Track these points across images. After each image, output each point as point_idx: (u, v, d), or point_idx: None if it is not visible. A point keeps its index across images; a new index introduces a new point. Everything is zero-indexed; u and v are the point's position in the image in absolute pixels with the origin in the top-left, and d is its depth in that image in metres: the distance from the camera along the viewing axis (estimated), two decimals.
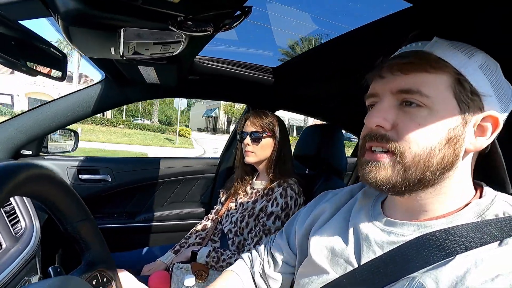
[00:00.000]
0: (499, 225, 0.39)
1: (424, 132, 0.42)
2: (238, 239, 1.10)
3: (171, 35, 0.63)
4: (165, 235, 1.65)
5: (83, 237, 0.51)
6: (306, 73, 1.20)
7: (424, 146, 0.42)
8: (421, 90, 0.42)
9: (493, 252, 0.38)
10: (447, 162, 0.43)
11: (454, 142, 0.42)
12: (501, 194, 0.45)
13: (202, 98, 1.98)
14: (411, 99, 0.43)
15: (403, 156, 0.43)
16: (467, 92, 0.42)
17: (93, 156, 1.68)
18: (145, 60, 0.90)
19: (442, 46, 0.44)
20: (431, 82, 0.42)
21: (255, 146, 1.14)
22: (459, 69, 0.42)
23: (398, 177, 0.44)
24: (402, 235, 0.46)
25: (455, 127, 0.42)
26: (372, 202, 0.57)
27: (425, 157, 0.42)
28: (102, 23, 0.55)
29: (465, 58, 0.43)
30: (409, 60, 0.44)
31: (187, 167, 1.74)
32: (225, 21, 0.55)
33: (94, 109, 1.28)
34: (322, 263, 0.53)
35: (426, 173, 0.43)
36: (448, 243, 0.39)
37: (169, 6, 0.50)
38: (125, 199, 1.60)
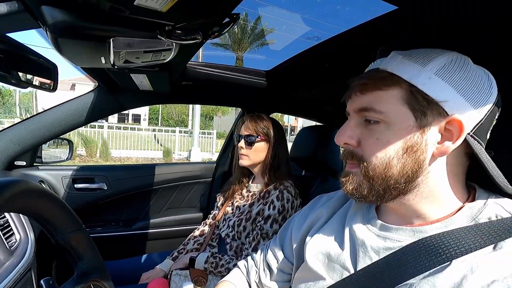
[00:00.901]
0: (493, 228, 0.39)
1: (381, 145, 0.45)
2: (236, 243, 1.10)
3: (161, 43, 0.63)
4: (163, 242, 1.64)
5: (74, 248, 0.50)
6: (299, 75, 1.21)
7: (382, 158, 0.45)
8: (375, 107, 0.45)
9: (488, 257, 0.38)
10: (409, 170, 0.44)
11: (414, 151, 0.44)
12: (494, 197, 0.45)
13: (196, 103, 1.98)
14: (369, 116, 0.46)
15: (367, 169, 0.47)
16: (421, 101, 0.43)
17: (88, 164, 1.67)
18: (136, 68, 0.90)
19: (396, 60, 0.46)
20: (383, 98, 0.45)
21: (249, 149, 1.14)
22: (410, 81, 0.43)
23: (364, 188, 0.48)
24: (397, 240, 0.46)
25: (412, 136, 0.44)
26: (367, 206, 0.57)
27: (384, 168, 0.45)
28: (91, 34, 0.55)
29: (418, 68, 0.43)
30: (365, 81, 0.47)
31: (183, 172, 1.73)
32: (214, 28, 0.56)
33: (88, 118, 1.27)
34: (318, 269, 0.53)
35: (389, 182, 0.45)
36: (443, 248, 0.39)
37: (157, 16, 0.50)
38: (121, 207, 1.60)
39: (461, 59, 0.44)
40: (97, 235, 1.48)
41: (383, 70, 0.46)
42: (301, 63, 1.09)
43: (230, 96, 1.55)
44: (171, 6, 0.46)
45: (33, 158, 1.36)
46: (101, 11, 0.48)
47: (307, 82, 1.25)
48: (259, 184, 1.18)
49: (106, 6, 0.46)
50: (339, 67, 1.01)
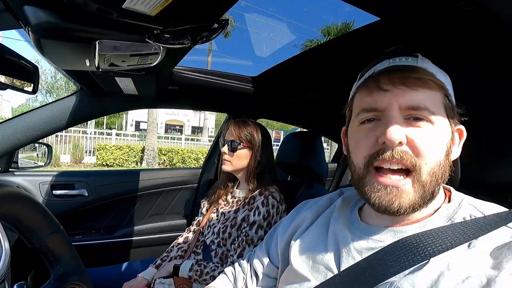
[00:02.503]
0: (467, 227, 0.41)
1: (434, 147, 0.43)
2: (221, 250, 1.08)
3: (148, 47, 0.62)
4: (146, 250, 1.60)
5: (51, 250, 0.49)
6: (286, 82, 1.23)
7: (436, 160, 0.43)
8: (428, 107, 0.43)
9: (463, 255, 0.40)
10: (447, 173, 0.46)
11: (448, 153, 0.45)
12: (467, 197, 0.48)
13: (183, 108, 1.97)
14: (419, 115, 0.44)
15: (420, 172, 0.43)
16: (452, 109, 0.46)
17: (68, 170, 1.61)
18: (122, 72, 0.88)
19: (430, 63, 0.46)
20: (432, 98, 0.44)
21: (231, 155, 1.14)
22: (447, 87, 0.46)
23: (417, 198, 0.44)
24: (379, 240, 0.48)
25: (449, 140, 0.46)
26: (350, 209, 0.58)
27: (438, 171, 0.44)
28: (76, 36, 0.54)
29: (444, 76, 0.47)
30: (414, 75, 0.44)
31: (168, 178, 1.70)
32: (203, 33, 0.56)
33: (69, 122, 1.23)
34: (303, 271, 0.53)
35: (436, 187, 0.44)
36: (422, 247, 0.41)
37: (145, 19, 0.50)
38: (103, 213, 1.54)
39: None
40: (77, 243, 1.42)
41: (426, 69, 0.45)
42: (287, 70, 1.11)
43: (216, 101, 1.55)
44: (160, 10, 0.46)
45: (9, 163, 1.30)
46: (87, 12, 0.47)
47: (293, 88, 1.27)
48: (244, 189, 1.18)
49: (93, 7, 0.46)
50: (325, 74, 1.04)
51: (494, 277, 0.35)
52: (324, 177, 1.30)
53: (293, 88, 1.28)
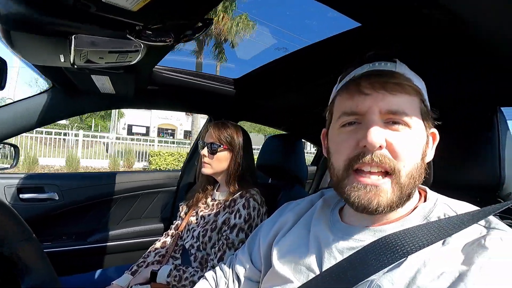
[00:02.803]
0: (442, 226, 0.43)
1: (411, 150, 0.45)
2: (201, 254, 1.06)
3: (128, 44, 0.60)
4: (122, 256, 1.53)
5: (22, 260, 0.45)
6: (267, 84, 1.24)
7: (414, 163, 0.45)
8: (406, 111, 0.45)
9: (438, 252, 0.42)
10: (423, 175, 0.47)
11: (424, 156, 0.48)
12: (441, 197, 0.51)
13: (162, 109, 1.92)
14: (398, 119, 0.45)
15: (399, 175, 0.44)
16: (427, 113, 0.48)
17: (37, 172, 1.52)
18: (99, 69, 0.85)
19: (407, 68, 0.48)
20: (410, 103, 0.46)
21: (211, 158, 1.12)
22: (422, 92, 0.48)
23: (395, 198, 0.45)
24: (360, 240, 0.49)
25: (425, 143, 0.48)
26: (331, 210, 0.59)
27: (415, 174, 0.45)
28: (50, 29, 0.51)
29: (420, 81, 0.49)
30: (393, 80, 0.45)
31: (146, 181, 1.65)
32: (186, 32, 0.55)
33: (40, 121, 1.16)
34: (285, 273, 0.53)
35: (413, 189, 0.46)
36: (400, 245, 0.42)
37: (127, 15, 0.48)
38: (75, 218, 1.47)
39: None
40: (46, 251, 1.34)
41: (404, 75, 0.46)
42: (269, 73, 1.12)
43: (197, 102, 1.53)
44: (143, 5, 0.45)
45: None
46: (64, 4, 0.45)
47: (274, 91, 1.28)
48: (224, 192, 1.17)
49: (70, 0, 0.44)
50: (306, 78, 1.05)
51: (466, 272, 0.37)
52: (304, 179, 1.32)
53: (275, 91, 1.29)
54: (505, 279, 0.35)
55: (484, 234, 0.41)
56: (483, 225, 0.44)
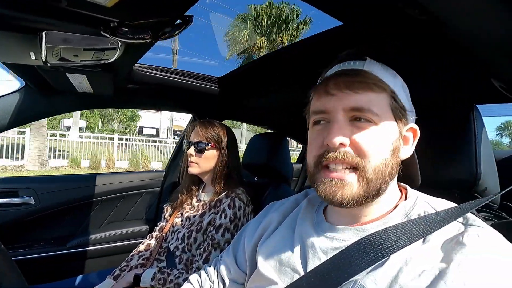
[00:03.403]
0: (422, 223, 0.44)
1: (377, 146, 0.46)
2: (186, 255, 1.04)
3: (104, 41, 0.58)
4: (104, 260, 1.49)
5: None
6: (251, 83, 1.23)
7: (380, 158, 0.46)
8: (371, 108, 0.46)
9: (418, 250, 0.42)
10: (394, 171, 0.48)
11: (396, 152, 0.48)
12: (422, 195, 0.51)
13: (144, 108, 1.88)
14: (362, 116, 0.46)
15: (365, 170, 0.45)
16: (399, 109, 0.49)
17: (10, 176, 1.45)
18: (74, 67, 0.81)
19: (377, 66, 0.49)
20: (377, 100, 0.47)
21: (199, 157, 1.10)
22: (393, 88, 0.49)
23: (362, 192, 0.46)
24: (343, 240, 0.49)
25: (396, 139, 0.48)
26: (316, 209, 0.59)
27: (383, 169, 0.46)
28: (18, 25, 0.48)
29: (393, 78, 0.50)
30: (358, 79, 0.47)
31: (129, 182, 1.61)
32: (165, 29, 0.53)
33: (12, 122, 1.10)
34: (269, 274, 0.53)
35: (382, 184, 0.47)
36: (383, 244, 0.43)
37: (100, 10, 0.46)
38: (53, 223, 1.41)
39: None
40: (22, 258, 1.28)
41: (370, 73, 0.48)
42: (253, 71, 1.11)
43: (180, 101, 1.50)
44: (117, 1, 0.42)
45: None
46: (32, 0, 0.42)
47: (259, 90, 1.28)
48: (210, 192, 1.15)
49: None
50: (290, 76, 1.05)
51: (445, 269, 0.38)
52: (290, 177, 1.32)
53: (259, 89, 1.28)
54: (483, 275, 0.36)
55: (462, 231, 0.42)
56: (461, 222, 0.45)
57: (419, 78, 0.77)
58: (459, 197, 0.62)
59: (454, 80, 0.78)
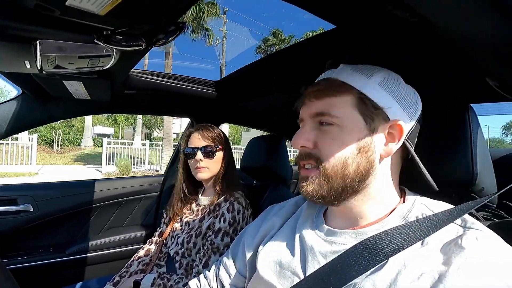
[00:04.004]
0: (420, 226, 0.44)
1: (337, 146, 0.49)
2: (186, 260, 1.04)
3: (99, 48, 0.58)
4: (104, 266, 1.48)
5: None
6: (248, 86, 1.23)
7: (339, 157, 0.49)
8: (330, 112, 0.50)
9: (417, 253, 0.42)
10: (363, 169, 0.49)
11: (366, 151, 0.49)
12: (420, 197, 0.51)
13: (142, 113, 1.88)
14: (324, 119, 0.50)
15: (324, 168, 0.49)
16: (369, 107, 0.49)
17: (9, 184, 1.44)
18: (70, 75, 0.81)
19: (346, 71, 0.52)
20: (338, 103, 0.50)
21: (209, 161, 1.10)
22: (360, 89, 0.49)
23: (324, 188, 0.50)
24: (342, 243, 0.49)
25: (363, 137, 0.49)
26: (316, 212, 0.59)
27: (341, 167, 0.49)
28: (12, 35, 0.48)
29: (365, 79, 0.50)
30: (319, 87, 0.52)
31: (127, 187, 1.60)
32: (159, 36, 0.53)
33: (9, 130, 1.10)
34: (269, 278, 0.53)
35: (346, 181, 0.49)
36: (381, 248, 0.43)
37: (94, 19, 0.46)
38: (52, 230, 1.40)
39: (395, 76, 0.52)
40: (21, 266, 1.27)
41: (336, 79, 0.51)
42: (250, 75, 1.12)
43: (178, 106, 1.50)
44: (110, 9, 0.43)
45: None
46: (24, 8, 0.42)
47: (256, 93, 1.28)
48: (210, 196, 1.15)
49: (31, 3, 0.41)
50: (286, 79, 1.05)
51: (444, 272, 0.38)
52: (289, 179, 1.32)
53: (256, 92, 1.28)
54: (482, 279, 0.36)
55: (461, 234, 0.42)
56: (460, 225, 0.45)
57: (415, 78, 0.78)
58: (457, 198, 0.62)
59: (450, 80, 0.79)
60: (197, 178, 1.13)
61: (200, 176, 1.12)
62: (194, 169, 1.13)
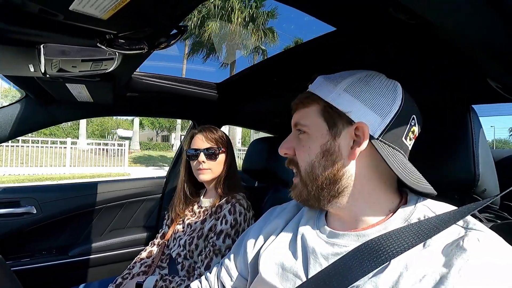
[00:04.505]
0: (422, 228, 0.44)
1: (305, 151, 0.54)
2: (188, 262, 1.04)
3: (102, 51, 0.58)
4: (106, 268, 1.48)
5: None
6: (249, 89, 1.24)
7: (307, 161, 0.53)
8: (300, 121, 0.55)
9: (419, 255, 0.42)
10: (330, 171, 0.51)
11: (330, 154, 0.51)
12: (422, 199, 0.51)
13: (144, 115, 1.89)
14: (299, 128, 0.56)
15: (300, 173, 0.55)
16: (332, 114, 0.52)
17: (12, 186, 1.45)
18: (73, 78, 0.82)
19: (318, 83, 0.56)
20: (307, 113, 0.55)
21: (211, 162, 1.11)
22: (325, 98, 0.52)
23: (304, 192, 0.55)
24: (344, 245, 0.49)
25: (326, 142, 0.52)
26: (317, 215, 0.59)
27: (310, 170, 0.53)
28: (16, 39, 0.49)
29: (331, 88, 0.52)
30: (297, 100, 0.58)
31: (130, 189, 1.61)
32: (161, 39, 0.54)
33: (13, 132, 1.11)
34: (272, 280, 0.53)
35: (317, 183, 0.52)
36: (383, 250, 0.43)
37: (97, 23, 0.47)
38: (55, 232, 1.41)
39: (368, 77, 0.53)
40: (24, 267, 1.28)
41: (308, 91, 0.57)
42: (251, 77, 1.12)
43: (179, 108, 1.51)
44: (113, 14, 0.43)
45: None
46: (28, 13, 0.43)
47: (257, 95, 1.28)
48: (212, 198, 1.16)
49: (34, 9, 0.42)
50: (287, 80, 1.06)
51: (446, 274, 0.38)
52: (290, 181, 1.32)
53: (257, 94, 1.29)
54: (483, 281, 0.36)
55: (462, 235, 0.42)
56: (461, 226, 0.44)
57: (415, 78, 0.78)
58: (459, 199, 0.62)
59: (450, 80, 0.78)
60: (199, 179, 1.14)
61: (202, 178, 1.12)
62: (196, 171, 1.14)
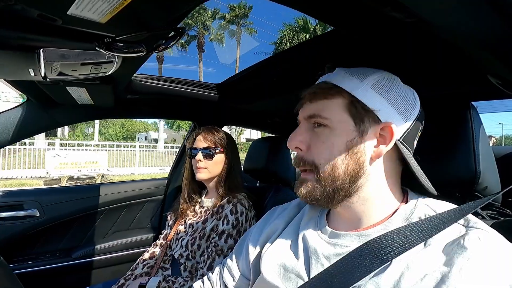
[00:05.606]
0: (422, 227, 0.44)
1: (327, 148, 0.50)
2: (191, 263, 1.05)
3: (101, 55, 0.59)
4: (109, 270, 1.49)
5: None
6: (249, 89, 1.24)
7: (329, 159, 0.49)
8: (321, 114, 0.51)
9: (420, 254, 0.42)
10: (352, 170, 0.49)
11: (355, 152, 0.49)
12: (422, 198, 0.51)
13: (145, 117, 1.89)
14: (316, 121, 0.52)
15: (319, 171, 0.50)
16: (359, 109, 0.49)
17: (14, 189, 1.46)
18: (74, 81, 0.82)
19: (340, 75, 0.53)
20: (329, 106, 0.51)
21: (208, 162, 1.12)
22: (351, 92, 0.50)
23: (317, 191, 0.51)
24: (345, 246, 0.49)
25: (352, 139, 0.49)
26: (319, 215, 0.59)
27: (331, 169, 0.49)
28: (15, 44, 0.49)
29: (357, 82, 0.50)
30: (314, 90, 0.53)
31: (132, 191, 1.62)
32: (159, 42, 0.54)
33: (15, 136, 1.12)
34: (274, 281, 0.53)
35: (337, 182, 0.49)
36: (384, 249, 0.43)
37: (95, 27, 0.47)
38: (58, 234, 1.42)
39: (391, 77, 0.52)
40: (28, 270, 1.29)
41: (329, 83, 0.52)
42: (251, 77, 1.12)
43: (180, 109, 1.51)
44: (111, 17, 0.43)
45: None
46: (27, 18, 0.43)
47: (257, 95, 1.28)
48: (213, 198, 1.16)
49: (33, 14, 0.42)
50: (287, 80, 1.06)
51: (447, 273, 0.38)
52: (291, 181, 1.32)
53: (258, 94, 1.29)
54: (485, 279, 0.36)
55: (463, 234, 0.42)
56: (462, 224, 0.44)
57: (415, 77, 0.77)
58: (460, 197, 0.62)
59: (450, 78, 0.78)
60: (196, 177, 1.15)
61: (198, 176, 1.14)
62: (194, 169, 1.15)
